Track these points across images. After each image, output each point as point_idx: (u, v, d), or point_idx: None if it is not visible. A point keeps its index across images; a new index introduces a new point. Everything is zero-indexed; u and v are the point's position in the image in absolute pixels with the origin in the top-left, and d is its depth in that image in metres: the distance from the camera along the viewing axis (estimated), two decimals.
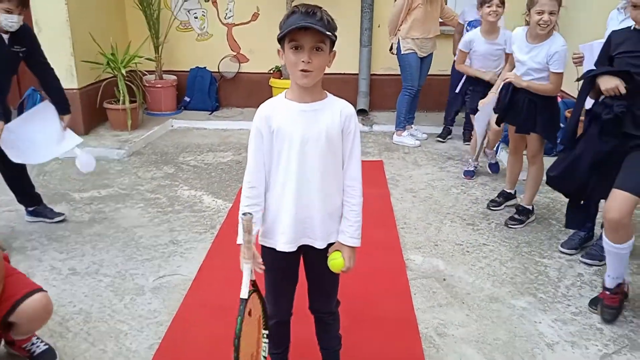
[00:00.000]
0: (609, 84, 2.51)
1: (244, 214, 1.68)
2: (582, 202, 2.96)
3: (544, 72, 3.37)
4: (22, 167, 3.55)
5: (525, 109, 3.50)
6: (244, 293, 1.68)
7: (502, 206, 4.00)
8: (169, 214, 3.86)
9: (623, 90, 2.47)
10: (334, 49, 1.74)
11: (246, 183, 1.83)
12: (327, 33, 1.64)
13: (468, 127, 5.30)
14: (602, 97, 2.62)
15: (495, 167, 4.77)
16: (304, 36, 1.64)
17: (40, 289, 2.22)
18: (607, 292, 2.69)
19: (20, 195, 3.66)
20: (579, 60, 3.30)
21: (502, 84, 3.66)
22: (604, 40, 2.82)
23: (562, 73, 3.32)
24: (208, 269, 3.11)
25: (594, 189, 2.79)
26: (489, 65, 4.38)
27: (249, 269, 1.73)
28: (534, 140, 3.58)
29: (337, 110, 1.78)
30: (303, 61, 1.65)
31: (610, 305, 2.69)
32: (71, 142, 3.64)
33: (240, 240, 1.75)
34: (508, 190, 4.03)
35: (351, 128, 1.80)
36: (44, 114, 3.52)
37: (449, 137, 5.74)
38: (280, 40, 1.70)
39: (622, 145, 2.62)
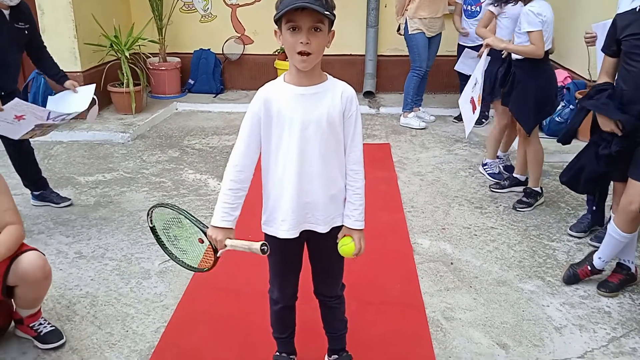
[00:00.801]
0: (606, 126, 2.59)
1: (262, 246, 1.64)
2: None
3: (523, 36, 3.36)
4: (29, 151, 3.56)
5: (510, 81, 3.53)
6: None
7: (505, 190, 3.93)
8: (174, 197, 3.85)
9: (619, 133, 2.54)
10: (332, 28, 1.68)
11: (233, 166, 1.76)
12: (326, 13, 1.57)
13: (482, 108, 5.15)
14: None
15: (499, 176, 4.11)
16: (301, 16, 1.58)
17: (34, 249, 2.22)
18: (589, 268, 2.75)
19: (27, 179, 3.66)
20: (591, 40, 3.23)
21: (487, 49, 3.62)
22: None
23: (533, 32, 3.28)
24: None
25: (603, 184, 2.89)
26: None
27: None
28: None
29: (338, 92, 1.74)
30: (301, 42, 1.59)
31: (581, 278, 2.78)
32: (88, 93, 3.56)
33: (215, 222, 1.75)
34: (515, 175, 3.93)
35: (352, 111, 1.75)
36: (52, 102, 3.55)
37: None
38: (277, 21, 1.64)
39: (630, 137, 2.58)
